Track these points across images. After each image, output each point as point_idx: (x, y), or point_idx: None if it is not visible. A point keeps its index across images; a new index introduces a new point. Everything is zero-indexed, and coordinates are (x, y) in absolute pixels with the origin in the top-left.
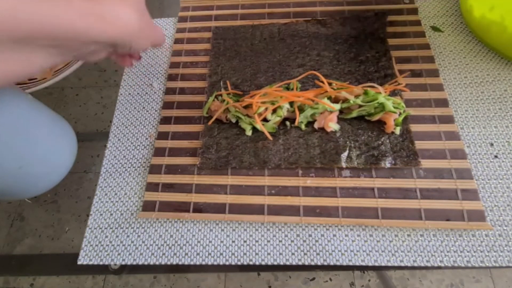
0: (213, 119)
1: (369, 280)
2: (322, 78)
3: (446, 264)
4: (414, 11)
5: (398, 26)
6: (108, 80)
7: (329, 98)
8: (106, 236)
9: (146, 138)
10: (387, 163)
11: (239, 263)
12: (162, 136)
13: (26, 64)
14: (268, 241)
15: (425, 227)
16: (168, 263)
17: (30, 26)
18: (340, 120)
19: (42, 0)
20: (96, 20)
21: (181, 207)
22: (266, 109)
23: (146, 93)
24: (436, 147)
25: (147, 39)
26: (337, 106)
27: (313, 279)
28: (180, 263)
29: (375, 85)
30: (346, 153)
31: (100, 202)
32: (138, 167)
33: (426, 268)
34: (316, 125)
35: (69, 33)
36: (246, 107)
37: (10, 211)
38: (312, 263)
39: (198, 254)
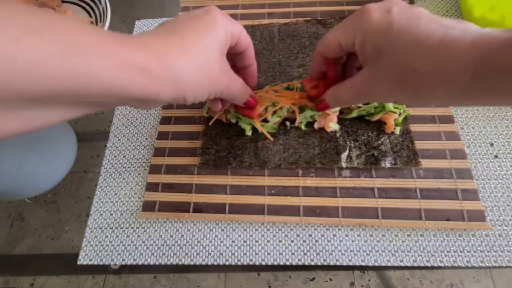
0: (213, 120)
1: (369, 280)
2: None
3: (446, 264)
4: None
5: None
6: None
7: None
8: (106, 236)
9: (146, 138)
10: (387, 163)
11: (239, 263)
12: (162, 136)
13: (44, 120)
14: (268, 241)
15: (425, 227)
16: (168, 263)
17: (53, 83)
18: (340, 120)
19: (72, 51)
20: (139, 75)
21: (181, 207)
22: (266, 110)
23: None
24: (436, 147)
25: (223, 90)
26: (335, 108)
27: (313, 279)
28: (180, 263)
29: None
30: (346, 153)
31: (100, 202)
32: (138, 167)
33: (426, 268)
34: (316, 125)
35: (103, 90)
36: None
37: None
38: (312, 263)
39: (198, 254)
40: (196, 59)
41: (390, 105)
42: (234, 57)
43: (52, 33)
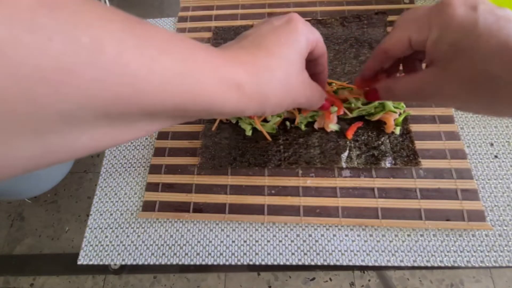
0: (216, 123)
1: (369, 280)
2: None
3: (446, 264)
4: None
5: None
6: None
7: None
8: (106, 236)
9: (146, 138)
10: (387, 163)
11: (239, 263)
12: (162, 136)
13: (141, 132)
14: (268, 241)
15: (425, 227)
16: (168, 263)
17: (172, 101)
18: (340, 120)
19: (190, 70)
20: (234, 91)
21: (181, 207)
22: None
23: None
24: (436, 147)
25: (300, 101)
26: (334, 108)
27: (313, 279)
28: (180, 263)
29: None
30: (346, 153)
31: (100, 202)
32: (138, 167)
33: (426, 268)
34: (316, 125)
35: (204, 106)
36: None
37: (10, 211)
38: (312, 263)
39: (198, 254)
40: (280, 75)
41: (390, 105)
42: (306, 63)
43: (177, 53)
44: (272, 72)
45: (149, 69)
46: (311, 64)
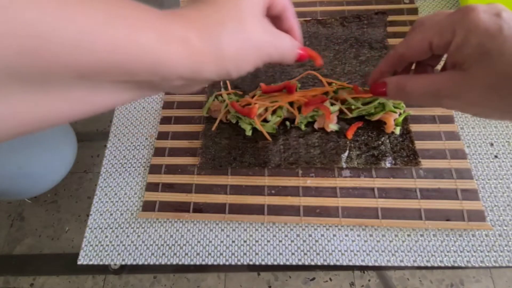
0: (216, 123)
1: (369, 280)
2: (321, 78)
3: (446, 264)
4: (414, 11)
5: (398, 26)
6: None
7: (326, 94)
8: (106, 236)
9: (146, 138)
10: (387, 163)
11: (239, 263)
12: (162, 136)
13: (95, 104)
14: (268, 241)
15: (425, 227)
16: (168, 263)
17: (102, 56)
18: (340, 120)
19: (120, 22)
20: (182, 47)
21: (181, 207)
22: (266, 110)
23: None
24: (436, 147)
25: (267, 56)
26: (334, 108)
27: (313, 279)
28: (180, 263)
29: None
30: (346, 153)
31: (100, 202)
32: (138, 167)
33: (426, 268)
34: (316, 125)
35: (149, 65)
36: (244, 106)
37: (10, 211)
38: (312, 263)
39: (198, 254)
40: (234, 26)
41: (390, 105)
42: (272, 21)
43: (99, 2)
44: (223, 25)
45: (57, 18)
46: (276, 22)
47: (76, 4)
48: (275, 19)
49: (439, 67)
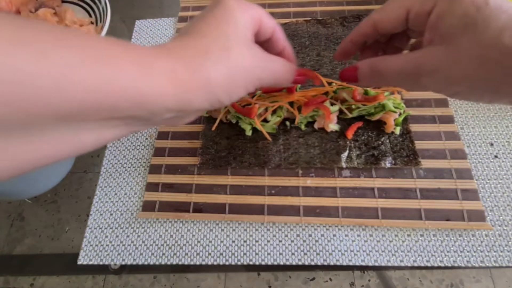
0: (216, 123)
1: (369, 280)
2: (321, 78)
3: (446, 264)
4: None
5: None
6: None
7: (326, 94)
8: (106, 236)
9: (146, 138)
10: (387, 163)
11: (239, 263)
12: (162, 136)
13: (78, 143)
14: (268, 241)
15: (425, 227)
16: (168, 263)
17: (82, 97)
18: (340, 120)
19: (99, 62)
20: (166, 80)
21: (181, 207)
22: (266, 110)
23: None
24: (436, 147)
25: (259, 80)
26: (334, 108)
27: (313, 279)
28: (180, 263)
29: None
30: (346, 153)
31: (100, 202)
32: (138, 167)
33: (426, 268)
34: (316, 125)
35: (133, 102)
36: (244, 106)
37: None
38: (312, 263)
39: (198, 254)
40: (220, 57)
41: (390, 105)
42: (263, 46)
43: (77, 46)
44: (208, 56)
45: (35, 64)
46: (268, 45)
47: (59, 50)
48: (266, 43)
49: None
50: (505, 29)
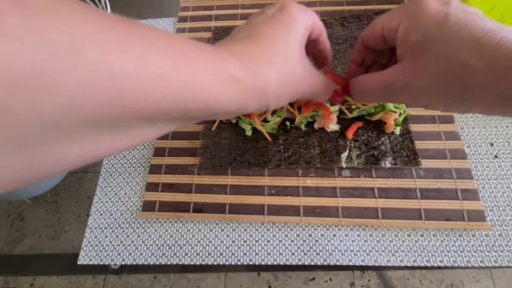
0: (216, 123)
1: (369, 280)
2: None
3: (446, 264)
4: None
5: None
6: None
7: None
8: (106, 236)
9: None
10: (387, 163)
11: (239, 263)
12: (162, 136)
13: (143, 138)
14: (268, 241)
15: (425, 227)
16: (168, 263)
17: (169, 101)
18: (340, 120)
19: (184, 68)
20: (232, 86)
21: (181, 207)
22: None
23: None
24: (436, 147)
25: (302, 92)
26: (334, 108)
27: (313, 279)
28: (180, 263)
29: None
30: (346, 153)
31: (100, 202)
32: (138, 167)
33: (426, 268)
34: (316, 125)
35: (203, 104)
36: None
37: (10, 211)
38: (312, 263)
39: (198, 254)
40: (279, 64)
41: (390, 105)
42: (306, 43)
43: (168, 49)
44: (269, 62)
45: (137, 68)
46: (311, 43)
47: (155, 55)
48: (311, 42)
49: None
50: (463, 45)
